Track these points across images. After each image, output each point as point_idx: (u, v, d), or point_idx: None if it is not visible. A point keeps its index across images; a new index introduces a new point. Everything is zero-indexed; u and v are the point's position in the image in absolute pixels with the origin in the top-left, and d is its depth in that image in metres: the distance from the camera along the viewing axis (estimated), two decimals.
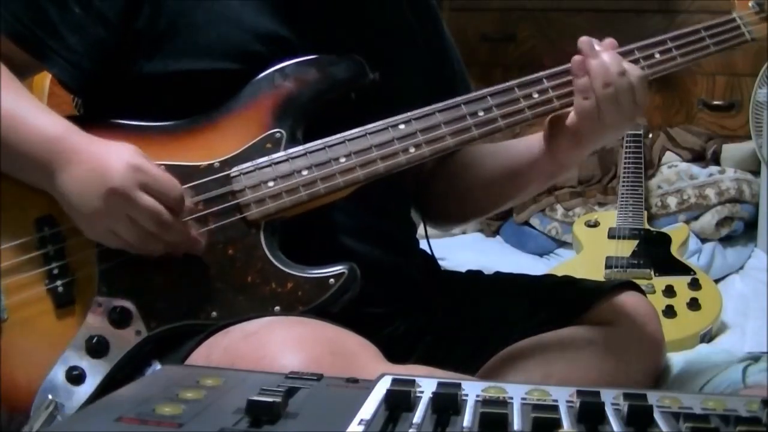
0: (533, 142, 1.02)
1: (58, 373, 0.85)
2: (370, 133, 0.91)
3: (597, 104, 0.92)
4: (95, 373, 0.86)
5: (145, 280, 0.88)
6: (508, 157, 1.07)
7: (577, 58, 0.94)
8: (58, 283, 0.87)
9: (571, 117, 0.95)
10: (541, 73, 0.96)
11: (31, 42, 0.90)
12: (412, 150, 0.91)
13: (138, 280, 0.87)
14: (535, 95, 0.95)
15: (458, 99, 0.94)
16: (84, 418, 0.52)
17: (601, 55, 0.93)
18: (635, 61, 0.96)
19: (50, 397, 0.84)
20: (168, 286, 0.87)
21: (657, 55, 0.97)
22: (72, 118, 0.89)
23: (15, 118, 0.84)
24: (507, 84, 0.95)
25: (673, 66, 0.98)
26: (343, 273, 0.87)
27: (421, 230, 1.17)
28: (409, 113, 0.92)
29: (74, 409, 0.84)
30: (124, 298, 0.87)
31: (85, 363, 0.86)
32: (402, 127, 0.92)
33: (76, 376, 0.85)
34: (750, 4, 1.02)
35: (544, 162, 1.01)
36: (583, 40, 0.94)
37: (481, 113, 0.94)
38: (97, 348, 0.86)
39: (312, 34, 0.95)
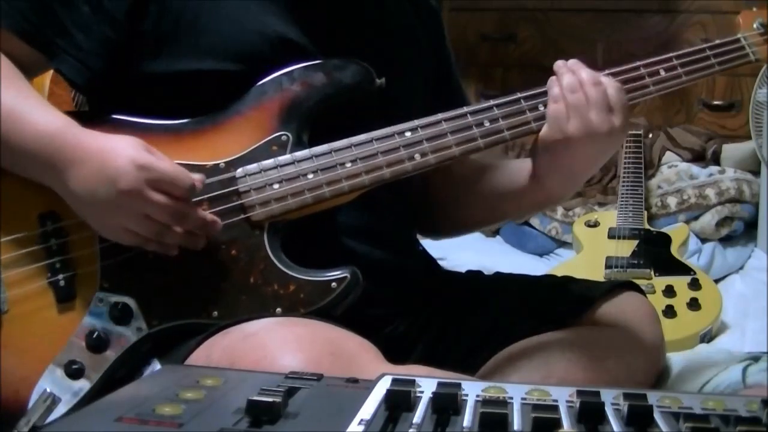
0: (525, 166, 1.02)
1: (57, 367, 0.86)
2: (376, 139, 0.91)
3: (566, 109, 0.91)
4: (95, 368, 0.86)
5: (147, 277, 0.88)
6: (502, 178, 1.07)
7: (553, 77, 0.94)
8: (60, 277, 0.88)
9: (544, 127, 0.94)
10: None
11: (40, 40, 0.90)
12: (417, 157, 0.92)
13: (140, 277, 0.88)
14: (541, 107, 0.95)
15: (464, 109, 0.94)
16: (84, 418, 0.52)
17: (579, 72, 0.93)
18: (640, 77, 0.97)
19: (48, 390, 0.84)
20: (170, 284, 0.88)
21: (662, 72, 0.98)
22: (78, 115, 0.89)
23: (15, 114, 0.84)
24: (513, 96, 0.95)
25: (677, 84, 0.99)
26: (346, 277, 0.87)
27: None
28: (415, 121, 0.93)
29: (72, 403, 0.85)
30: (126, 294, 0.87)
31: (84, 358, 0.86)
32: (408, 134, 0.92)
33: (75, 371, 0.85)
34: (754, 25, 1.03)
35: (532, 188, 1.00)
36: (559, 64, 0.95)
37: (487, 123, 0.94)
38: (97, 343, 0.86)
39: (317, 37, 0.95)
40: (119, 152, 0.82)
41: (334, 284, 0.87)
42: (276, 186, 0.89)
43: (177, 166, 0.84)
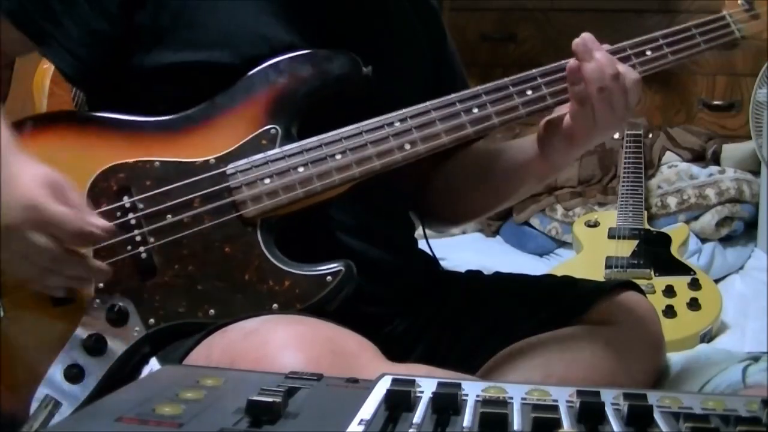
0: (526, 144, 1.02)
1: (57, 372, 0.86)
2: (365, 131, 0.91)
3: (593, 109, 0.92)
4: (94, 371, 0.86)
5: (143, 278, 0.88)
6: (501, 160, 1.07)
7: (572, 64, 0.93)
8: None
9: (567, 121, 0.94)
10: (535, 71, 0.96)
11: (31, 26, 0.91)
12: (407, 147, 0.91)
13: (135, 279, 0.87)
14: (529, 92, 0.95)
15: (452, 96, 0.94)
16: (84, 418, 0.52)
17: (595, 56, 0.92)
18: (627, 58, 0.96)
19: (49, 395, 0.84)
20: (165, 285, 0.87)
21: (649, 53, 0.98)
22: (72, 113, 0.89)
23: None
24: (501, 81, 0.95)
25: (664, 63, 0.99)
26: (340, 270, 0.87)
27: (420, 230, 1.17)
28: (404, 111, 0.92)
29: (73, 408, 0.84)
30: (122, 296, 0.87)
31: (83, 361, 0.86)
32: (397, 124, 0.92)
33: (74, 375, 0.85)
34: (739, 1, 1.03)
35: (537, 164, 1.01)
36: (578, 43, 0.93)
37: (475, 110, 0.94)
38: (95, 346, 0.86)
39: (313, 38, 0.95)
40: (18, 186, 0.80)
41: (329, 278, 0.87)
42: (267, 181, 0.89)
43: (71, 210, 0.81)
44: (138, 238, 0.88)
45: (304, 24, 0.95)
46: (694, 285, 1.61)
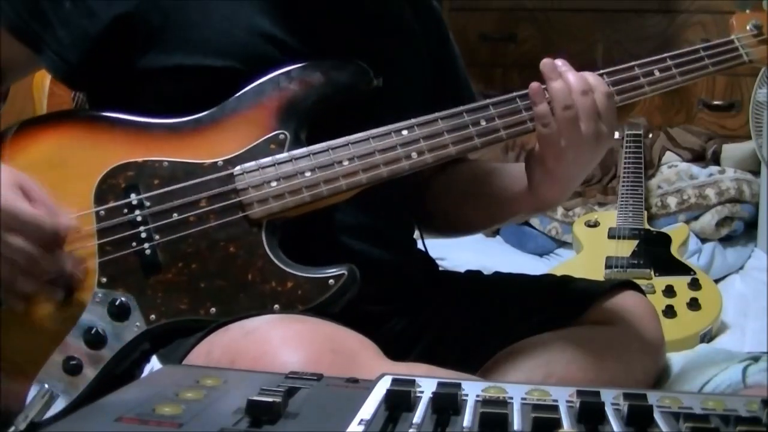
0: (519, 173, 1.01)
1: (56, 363, 0.86)
2: (373, 138, 0.91)
3: (558, 129, 0.91)
4: (93, 364, 0.86)
5: (146, 274, 0.88)
6: (495, 184, 1.07)
7: (535, 84, 0.93)
8: None
9: (537, 146, 0.94)
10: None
11: (29, 35, 0.92)
12: (414, 156, 0.92)
13: (138, 274, 0.88)
14: None
15: (461, 107, 0.94)
16: (84, 418, 0.52)
17: (566, 76, 0.92)
18: (635, 77, 0.97)
19: (46, 386, 0.85)
20: (168, 281, 0.88)
21: (656, 73, 0.98)
22: (83, 111, 0.89)
23: None
24: (509, 95, 0.95)
25: (672, 84, 0.99)
26: (343, 274, 0.88)
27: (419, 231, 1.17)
28: (412, 120, 0.93)
29: (70, 399, 0.85)
30: (124, 291, 0.87)
31: (83, 354, 0.86)
32: (405, 132, 0.92)
33: (73, 367, 0.86)
34: (748, 26, 1.03)
35: (526, 195, 1.00)
36: (545, 63, 0.93)
37: (483, 122, 0.94)
38: (95, 339, 0.86)
39: (307, 36, 0.95)
40: None
41: (331, 281, 0.87)
42: (274, 184, 0.89)
43: (43, 212, 0.83)
44: (143, 235, 0.88)
45: (294, 24, 0.95)
46: (694, 285, 1.61)
